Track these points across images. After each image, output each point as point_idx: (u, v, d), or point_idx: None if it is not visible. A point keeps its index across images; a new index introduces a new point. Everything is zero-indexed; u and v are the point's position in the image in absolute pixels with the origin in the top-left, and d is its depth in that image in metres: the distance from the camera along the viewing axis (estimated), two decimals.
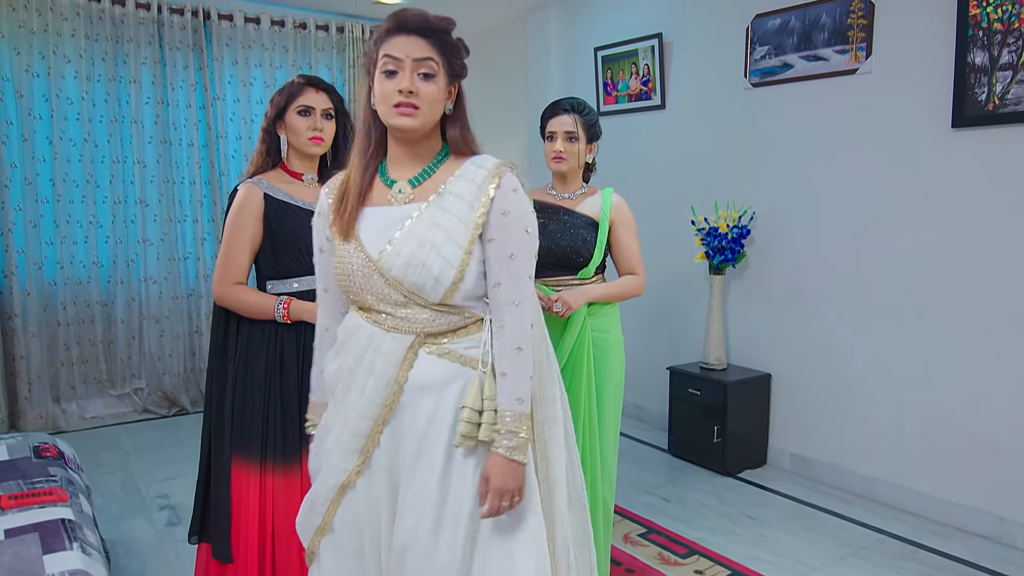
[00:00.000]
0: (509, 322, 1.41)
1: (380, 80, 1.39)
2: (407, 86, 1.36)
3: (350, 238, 1.43)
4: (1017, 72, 2.77)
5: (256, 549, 1.97)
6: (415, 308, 1.40)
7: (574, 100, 2.33)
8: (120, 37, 4.45)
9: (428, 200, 1.42)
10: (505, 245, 1.40)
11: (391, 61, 1.37)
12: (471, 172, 1.43)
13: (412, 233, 1.39)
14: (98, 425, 4.45)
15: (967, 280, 3.00)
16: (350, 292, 1.44)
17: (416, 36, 1.38)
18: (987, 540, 2.95)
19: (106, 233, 4.51)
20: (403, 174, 1.46)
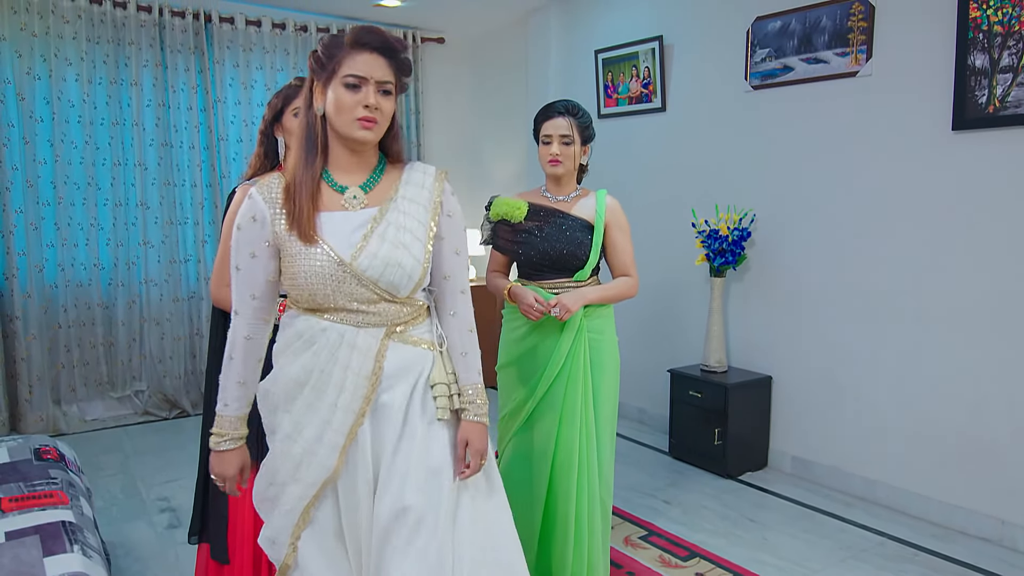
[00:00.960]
0: (461, 308, 1.62)
1: (340, 91, 1.45)
2: (373, 103, 1.45)
3: (313, 242, 1.46)
4: (1017, 75, 2.77)
5: (252, 550, 1.99)
6: (384, 304, 1.51)
7: (568, 102, 2.33)
8: (121, 40, 4.45)
9: (383, 205, 1.52)
10: (452, 242, 1.58)
11: (355, 78, 1.44)
12: (418, 179, 1.57)
13: (385, 236, 1.49)
14: (99, 427, 4.45)
15: (968, 283, 2.99)
16: (318, 294, 1.47)
17: (379, 55, 1.47)
18: (988, 543, 2.95)
19: (107, 235, 4.51)
20: (351, 180, 1.53)
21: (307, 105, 1.51)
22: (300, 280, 1.47)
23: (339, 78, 1.45)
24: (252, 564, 1.99)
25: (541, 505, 2.23)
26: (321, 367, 1.49)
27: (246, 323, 1.54)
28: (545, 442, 2.22)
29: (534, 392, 2.24)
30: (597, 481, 2.26)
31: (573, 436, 2.21)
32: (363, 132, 1.46)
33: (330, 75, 1.46)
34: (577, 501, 2.21)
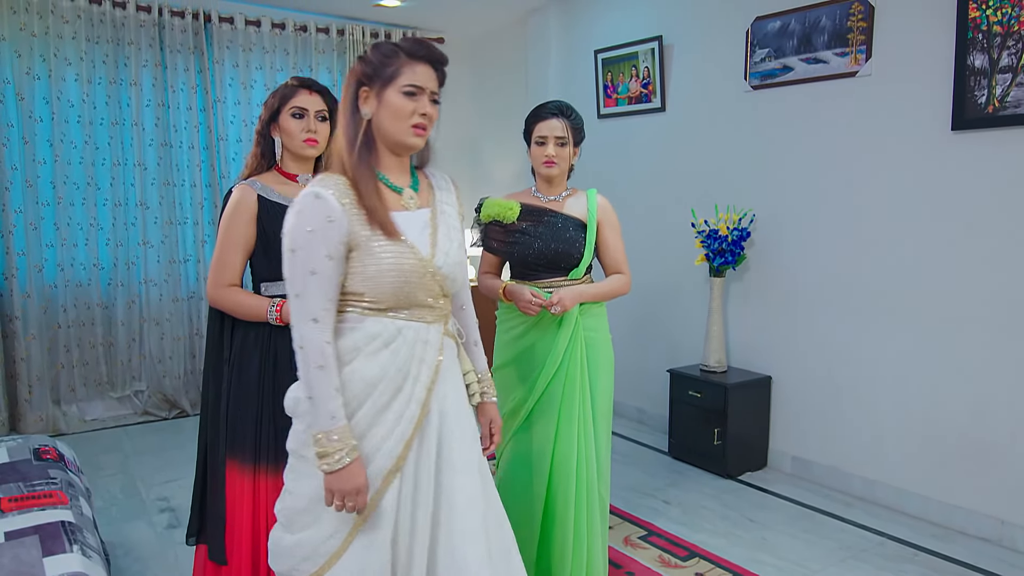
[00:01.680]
0: (468, 301, 1.79)
1: (398, 99, 1.51)
2: (430, 112, 1.54)
3: (399, 239, 1.51)
4: (1017, 75, 2.77)
5: (249, 551, 1.98)
6: (444, 299, 1.60)
7: (560, 104, 2.33)
8: (121, 40, 4.45)
9: (431, 207, 1.62)
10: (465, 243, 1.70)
11: (414, 87, 1.52)
12: (445, 185, 1.69)
13: (449, 236, 1.60)
14: (98, 427, 4.45)
15: (967, 282, 3.00)
16: (401, 292, 1.51)
17: (432, 67, 1.55)
18: (988, 543, 2.95)
19: (107, 235, 4.51)
20: (401, 182, 1.60)
21: (352, 109, 1.54)
22: (388, 278, 1.49)
23: (397, 86, 1.51)
24: (251, 565, 1.98)
25: (541, 504, 2.23)
26: (399, 365, 1.51)
27: (327, 328, 1.47)
28: (544, 441, 2.23)
29: (532, 391, 2.25)
30: (596, 478, 2.26)
31: (572, 434, 2.21)
32: (416, 139, 1.54)
33: (386, 83, 1.51)
34: (576, 499, 2.21)
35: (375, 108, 1.52)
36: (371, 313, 1.52)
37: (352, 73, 1.55)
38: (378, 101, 1.52)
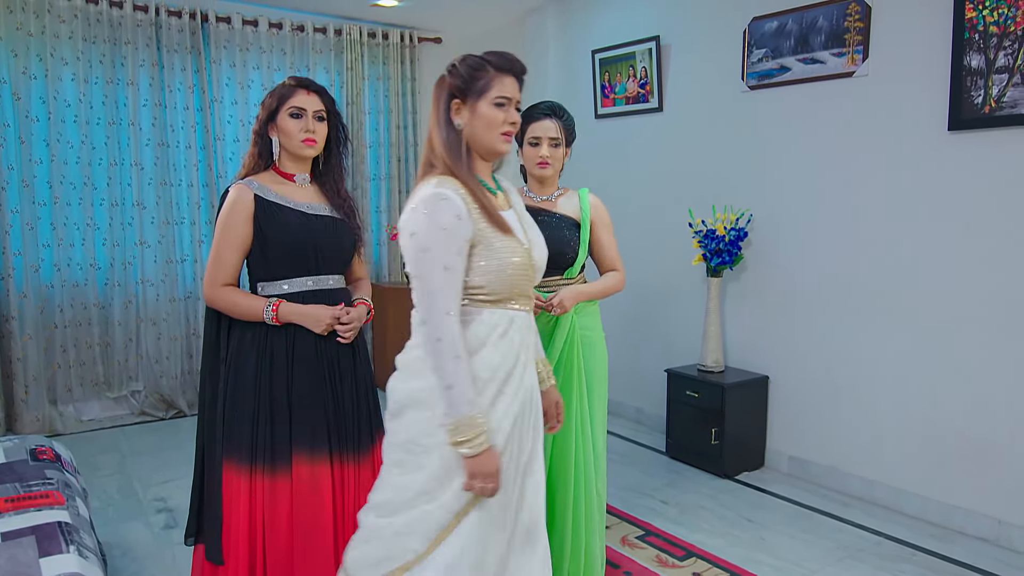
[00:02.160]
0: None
1: (491, 110, 1.64)
2: (516, 120, 1.67)
3: (511, 235, 1.65)
4: (1013, 75, 2.78)
5: (246, 552, 1.97)
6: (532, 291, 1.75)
7: (552, 104, 2.34)
8: (118, 39, 4.44)
9: (513, 207, 1.77)
10: None
11: (504, 99, 1.65)
12: (508, 185, 1.83)
13: (536, 231, 1.76)
14: (95, 428, 4.44)
15: (964, 282, 3.00)
16: (516, 284, 1.64)
17: (516, 79, 1.68)
18: (986, 543, 2.96)
19: (103, 235, 4.50)
20: (492, 185, 1.74)
21: (447, 120, 1.66)
22: (507, 272, 1.61)
23: (490, 98, 1.64)
24: (247, 565, 1.98)
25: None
26: (514, 351, 1.64)
27: (458, 320, 1.56)
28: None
29: None
30: (594, 475, 2.27)
31: (569, 432, 2.22)
32: (506, 145, 1.68)
33: (479, 95, 1.64)
34: (575, 497, 2.22)
35: (467, 119, 1.65)
36: (487, 305, 1.63)
37: (443, 86, 1.67)
38: (470, 112, 1.65)
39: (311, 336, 2.04)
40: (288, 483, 1.99)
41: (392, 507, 1.63)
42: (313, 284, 2.08)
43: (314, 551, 2.00)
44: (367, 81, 5.41)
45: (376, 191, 5.56)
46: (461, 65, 1.65)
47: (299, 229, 2.03)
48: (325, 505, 2.01)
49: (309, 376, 2.03)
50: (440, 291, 1.54)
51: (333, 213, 2.13)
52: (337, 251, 2.12)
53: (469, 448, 1.51)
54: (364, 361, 2.20)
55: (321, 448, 2.03)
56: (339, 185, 2.18)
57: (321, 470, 2.02)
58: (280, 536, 1.98)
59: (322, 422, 2.04)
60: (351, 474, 2.08)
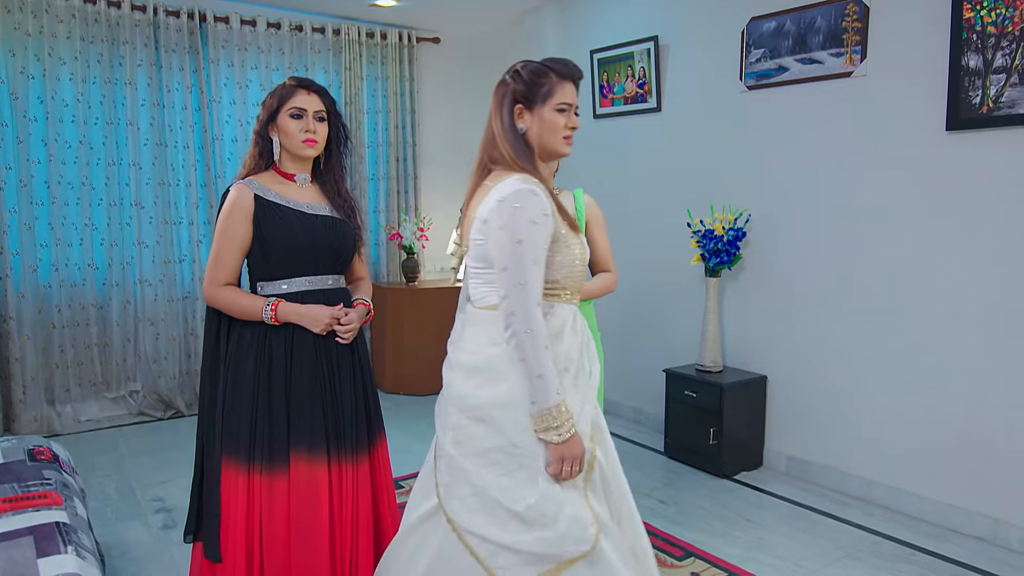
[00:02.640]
0: None
1: (553, 115, 1.72)
2: (576, 124, 1.75)
3: (580, 233, 1.74)
4: (1011, 75, 2.78)
5: (244, 550, 1.98)
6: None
7: None
8: (116, 39, 4.44)
9: None
10: None
11: (566, 104, 1.74)
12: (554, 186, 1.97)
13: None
14: (93, 428, 4.44)
15: (962, 282, 3.00)
16: (580, 279, 1.74)
17: (575, 85, 1.76)
18: (983, 542, 2.96)
19: (101, 235, 4.50)
20: (550, 186, 1.81)
21: (510, 124, 1.73)
22: (577, 268, 1.72)
23: (553, 104, 1.72)
24: (244, 563, 1.98)
25: None
26: (581, 342, 1.73)
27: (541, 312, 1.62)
28: None
29: None
30: None
31: None
32: (568, 148, 1.76)
33: (543, 100, 1.72)
34: None
35: (530, 123, 1.73)
36: (557, 299, 1.71)
37: (507, 92, 1.74)
38: (533, 117, 1.73)
39: (310, 336, 2.04)
40: (286, 482, 2.00)
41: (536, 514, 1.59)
42: (312, 284, 2.09)
43: (311, 551, 2.01)
44: (365, 81, 5.41)
45: (375, 191, 5.56)
46: (524, 71, 1.73)
47: (298, 229, 2.04)
48: (322, 505, 2.02)
49: (307, 376, 2.04)
50: (531, 283, 1.59)
51: (333, 213, 2.13)
52: (336, 251, 2.13)
53: (558, 435, 1.57)
54: (364, 361, 2.20)
55: (319, 448, 2.03)
56: (340, 185, 2.19)
57: (319, 470, 2.02)
58: (277, 535, 1.99)
59: (320, 422, 2.04)
60: (349, 475, 2.09)
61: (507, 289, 1.59)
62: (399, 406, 4.95)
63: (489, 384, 1.63)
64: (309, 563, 2.00)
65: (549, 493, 1.59)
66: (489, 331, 1.66)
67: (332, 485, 2.05)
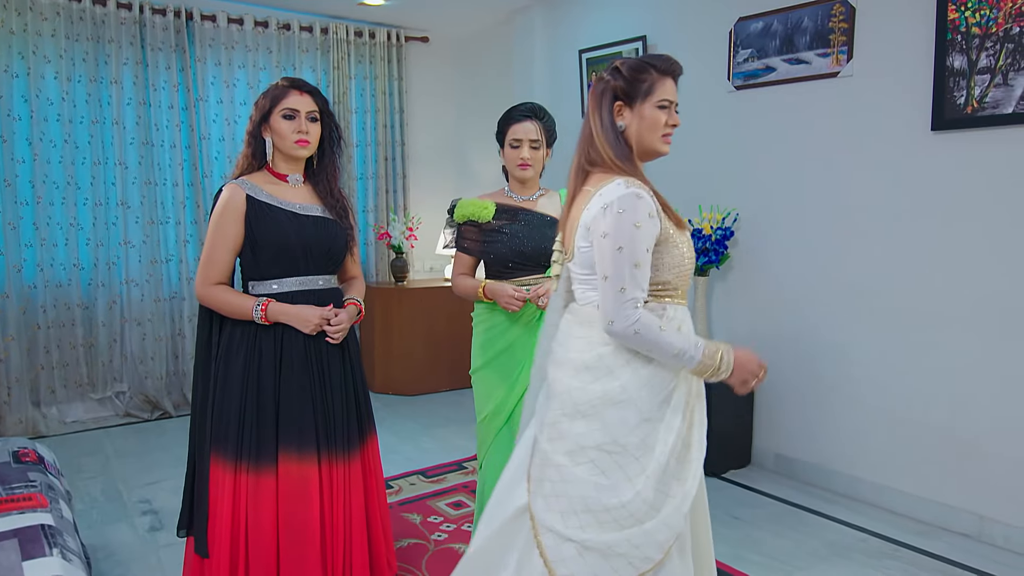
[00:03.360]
0: None
1: (654, 112, 1.68)
2: (676, 122, 1.71)
3: (687, 231, 1.72)
4: (995, 76, 2.81)
5: (228, 546, 1.99)
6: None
7: (533, 105, 2.34)
8: (101, 37, 4.41)
9: None
10: None
11: (667, 101, 1.69)
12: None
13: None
14: (79, 429, 4.40)
15: (948, 281, 3.03)
16: (687, 278, 1.71)
17: (675, 81, 1.71)
18: (968, 538, 2.99)
19: (87, 235, 4.46)
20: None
21: (610, 122, 1.70)
22: (686, 267, 1.68)
23: (654, 100, 1.68)
24: (228, 560, 1.99)
25: None
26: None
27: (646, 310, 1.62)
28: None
29: (513, 390, 2.25)
30: None
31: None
32: (666, 146, 1.73)
33: (644, 97, 1.68)
34: None
35: (630, 120, 1.69)
36: (668, 300, 1.68)
37: (606, 89, 1.70)
38: (633, 114, 1.69)
39: (300, 336, 2.06)
40: (273, 481, 2.00)
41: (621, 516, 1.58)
42: (302, 285, 2.10)
43: (301, 550, 2.01)
44: (354, 80, 5.39)
45: (363, 190, 5.54)
46: (624, 68, 1.69)
47: (289, 230, 2.05)
48: (312, 504, 2.02)
49: (297, 375, 2.05)
50: (629, 286, 1.57)
51: (325, 214, 2.14)
52: (327, 252, 2.13)
53: (725, 371, 1.60)
54: (355, 361, 2.21)
55: (309, 447, 2.04)
56: (332, 185, 2.20)
57: (309, 469, 2.03)
58: (264, 534, 1.99)
59: (310, 421, 2.05)
60: (339, 474, 2.09)
61: (606, 296, 1.58)
62: (388, 406, 4.94)
63: (600, 381, 1.62)
64: (300, 562, 2.00)
65: (645, 495, 1.58)
66: (600, 330, 1.65)
67: (323, 484, 2.06)
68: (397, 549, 2.73)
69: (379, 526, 2.23)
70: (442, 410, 4.89)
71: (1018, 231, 2.82)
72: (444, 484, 3.54)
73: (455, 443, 4.19)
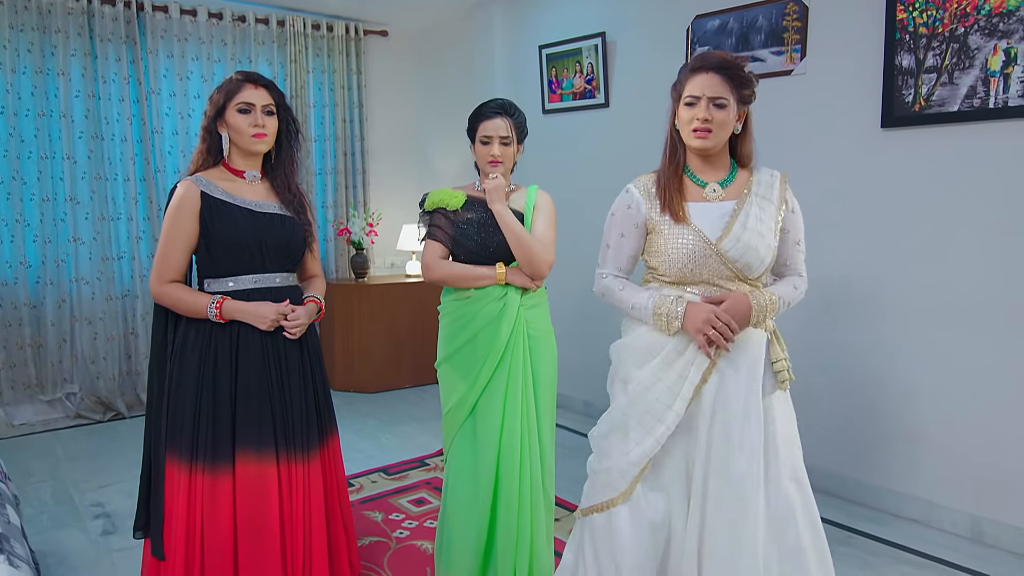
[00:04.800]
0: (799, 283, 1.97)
1: (682, 110, 1.81)
2: (702, 115, 1.77)
3: (688, 223, 1.80)
4: (941, 75, 2.89)
5: (183, 548, 1.96)
6: (738, 283, 1.82)
7: (504, 102, 2.33)
8: (47, 28, 4.27)
9: (740, 199, 1.83)
10: (795, 234, 1.92)
11: (692, 97, 1.79)
12: (767, 180, 1.89)
13: (746, 225, 1.79)
14: (27, 432, 4.27)
15: (899, 274, 3.12)
16: (687, 268, 1.80)
17: (715, 74, 1.77)
18: (918, 524, 3.08)
19: (34, 232, 4.33)
20: (710, 178, 1.87)
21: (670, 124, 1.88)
22: (671, 255, 1.80)
23: (682, 100, 1.82)
24: (183, 562, 1.96)
25: (489, 496, 2.23)
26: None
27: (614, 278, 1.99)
28: (490, 434, 2.23)
29: (475, 384, 2.25)
30: (540, 470, 2.28)
31: (516, 427, 2.22)
32: (697, 141, 1.80)
33: (678, 96, 1.83)
34: (520, 491, 2.22)
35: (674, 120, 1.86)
36: (665, 284, 1.86)
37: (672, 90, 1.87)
38: (676, 114, 1.85)
39: (257, 333, 2.03)
40: (230, 482, 1.98)
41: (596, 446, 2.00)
42: (258, 282, 2.08)
43: (260, 550, 1.99)
44: (312, 74, 5.32)
45: (322, 186, 5.47)
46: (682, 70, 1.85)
47: (244, 227, 2.02)
48: (271, 505, 2.00)
49: (255, 374, 2.02)
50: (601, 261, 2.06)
51: (282, 210, 2.12)
52: (284, 249, 2.11)
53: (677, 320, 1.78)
54: (315, 358, 2.19)
55: (267, 447, 2.01)
56: (290, 180, 2.17)
57: (268, 469, 2.01)
58: (219, 535, 1.96)
59: (268, 421, 2.02)
60: (299, 473, 2.07)
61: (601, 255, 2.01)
62: (349, 403, 4.89)
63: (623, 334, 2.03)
64: (258, 562, 1.98)
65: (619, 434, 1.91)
66: None
67: (282, 484, 2.04)
68: (359, 548, 2.72)
69: (340, 526, 2.22)
70: (403, 407, 4.86)
71: (967, 224, 2.91)
72: (406, 481, 3.52)
73: (417, 440, 4.17)
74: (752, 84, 1.83)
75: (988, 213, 2.85)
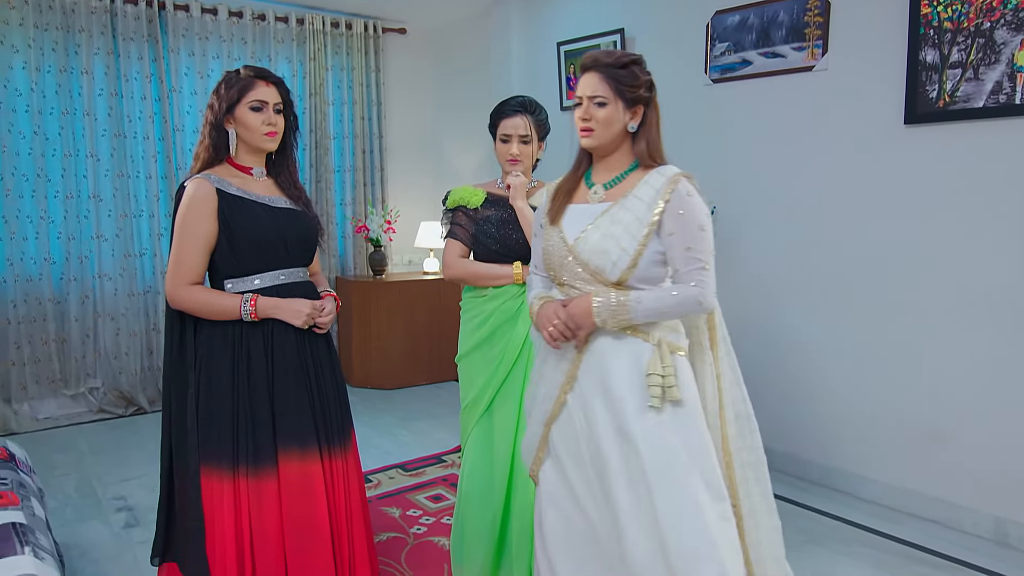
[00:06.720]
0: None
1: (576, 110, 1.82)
2: (582, 114, 1.80)
3: (557, 225, 1.81)
4: (966, 70, 2.85)
5: (235, 561, 1.89)
6: (598, 286, 1.74)
7: (524, 99, 2.33)
8: (71, 27, 4.32)
9: (616, 201, 1.78)
10: (681, 238, 1.75)
11: (577, 97, 1.83)
12: (654, 179, 1.80)
13: (599, 225, 1.75)
14: (51, 426, 4.34)
15: (920, 272, 3.08)
16: (550, 268, 1.82)
17: (592, 72, 1.82)
18: (936, 524, 3.05)
19: (58, 229, 4.39)
20: (600, 179, 1.85)
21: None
22: (543, 255, 1.84)
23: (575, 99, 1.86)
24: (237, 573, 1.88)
25: (503, 493, 2.24)
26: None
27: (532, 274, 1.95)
28: (506, 429, 2.23)
29: (493, 380, 2.25)
30: None
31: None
32: (583, 140, 1.83)
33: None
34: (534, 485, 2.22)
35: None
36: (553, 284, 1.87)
37: None
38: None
39: (291, 330, 1.99)
40: (275, 483, 1.93)
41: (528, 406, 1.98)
42: (285, 277, 2.05)
43: (310, 550, 1.95)
44: (330, 72, 5.34)
45: (340, 183, 5.50)
46: None
47: (267, 222, 1.99)
48: (319, 503, 1.96)
49: (292, 371, 1.99)
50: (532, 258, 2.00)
51: (293, 205, 2.10)
52: (304, 243, 2.10)
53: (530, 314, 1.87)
54: (335, 353, 2.19)
55: (311, 444, 1.98)
56: (294, 176, 2.15)
57: (312, 466, 1.97)
58: (269, 540, 1.91)
59: (308, 417, 1.99)
60: (339, 467, 2.05)
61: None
62: (365, 400, 4.92)
63: None
64: (309, 562, 1.94)
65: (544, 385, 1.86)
66: None
67: (326, 480, 2.00)
68: (377, 543, 2.73)
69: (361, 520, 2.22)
70: (420, 404, 4.88)
71: (990, 222, 2.87)
72: (423, 478, 3.54)
73: (434, 436, 4.19)
74: (638, 82, 1.82)
75: (1013, 211, 2.80)
